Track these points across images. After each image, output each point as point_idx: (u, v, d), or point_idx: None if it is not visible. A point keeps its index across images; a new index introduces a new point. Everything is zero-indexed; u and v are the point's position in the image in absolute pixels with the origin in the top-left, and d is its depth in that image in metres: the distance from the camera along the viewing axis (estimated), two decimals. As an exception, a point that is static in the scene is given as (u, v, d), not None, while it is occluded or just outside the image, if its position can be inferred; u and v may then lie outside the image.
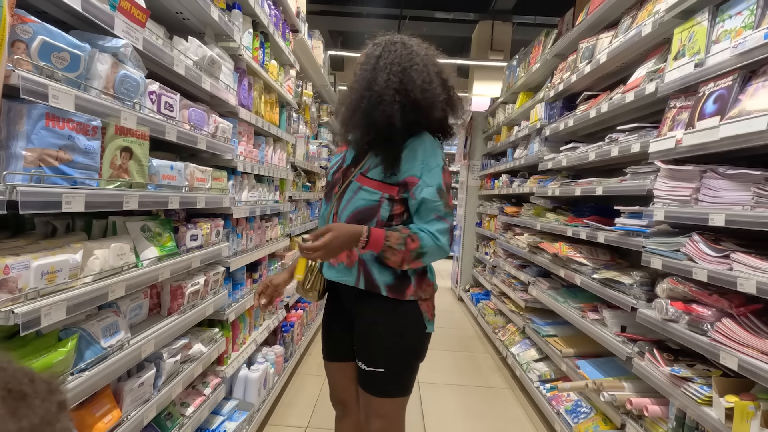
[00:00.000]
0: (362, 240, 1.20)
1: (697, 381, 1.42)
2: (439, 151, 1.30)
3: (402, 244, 1.21)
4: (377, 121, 1.24)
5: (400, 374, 1.34)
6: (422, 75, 1.24)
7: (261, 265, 2.44)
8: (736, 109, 1.31)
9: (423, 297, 1.34)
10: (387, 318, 1.31)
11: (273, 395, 2.41)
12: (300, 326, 3.15)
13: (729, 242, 1.40)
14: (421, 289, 1.34)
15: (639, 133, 1.90)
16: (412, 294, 1.31)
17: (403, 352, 1.33)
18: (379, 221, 1.28)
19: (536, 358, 2.85)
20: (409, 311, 1.32)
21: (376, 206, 1.27)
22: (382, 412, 1.35)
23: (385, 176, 1.27)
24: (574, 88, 2.68)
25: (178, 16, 1.65)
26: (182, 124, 1.48)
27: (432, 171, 1.26)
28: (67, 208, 0.93)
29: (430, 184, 1.25)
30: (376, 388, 1.33)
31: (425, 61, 1.28)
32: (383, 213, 1.27)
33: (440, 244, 1.24)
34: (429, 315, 1.36)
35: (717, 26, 1.47)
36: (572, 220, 2.48)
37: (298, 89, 3.24)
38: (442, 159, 1.30)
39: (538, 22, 6.57)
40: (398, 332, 1.32)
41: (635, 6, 2.11)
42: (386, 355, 1.32)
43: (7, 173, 0.83)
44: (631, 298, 1.80)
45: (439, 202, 1.24)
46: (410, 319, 1.33)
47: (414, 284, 1.32)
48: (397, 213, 1.30)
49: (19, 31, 0.83)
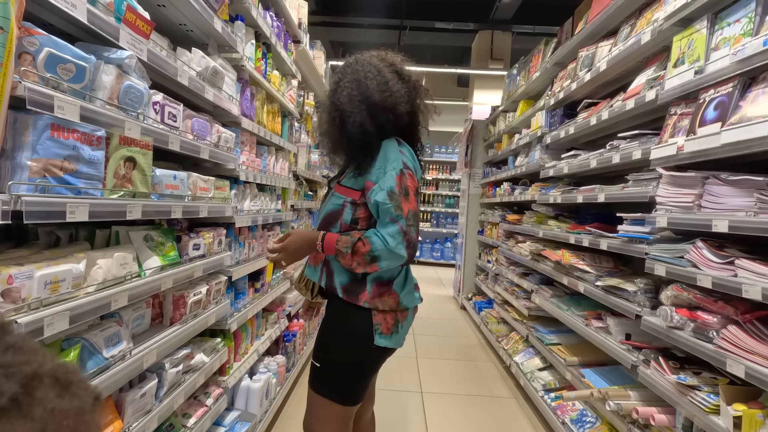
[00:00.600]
0: (318, 245, 1.31)
1: (703, 389, 1.41)
2: (401, 156, 1.31)
3: (349, 247, 1.25)
4: (352, 132, 1.32)
5: (333, 376, 1.36)
6: (377, 79, 1.32)
7: (263, 274, 2.44)
8: (737, 116, 1.31)
9: (380, 308, 1.32)
10: (336, 318, 1.38)
11: (275, 406, 2.39)
12: (302, 336, 3.14)
13: (733, 248, 1.40)
14: (380, 299, 1.33)
15: (640, 140, 1.91)
16: (367, 301, 1.32)
17: (341, 355, 1.35)
18: (342, 224, 1.35)
19: (540, 367, 2.83)
20: (357, 318, 1.33)
21: (339, 210, 1.36)
22: (313, 407, 1.41)
23: (354, 182, 1.34)
24: (575, 96, 2.70)
25: (182, 28, 1.67)
26: (185, 134, 1.49)
27: (387, 174, 1.28)
28: (71, 218, 0.94)
29: (383, 187, 1.27)
30: (311, 379, 1.42)
31: (378, 67, 1.35)
32: (345, 216, 1.35)
33: (390, 247, 1.22)
34: (383, 328, 1.33)
35: (716, 34, 1.48)
36: (574, 228, 2.48)
37: (300, 99, 3.27)
38: (402, 163, 1.29)
39: (537, 32, 6.63)
40: (341, 334, 1.36)
41: (634, 15, 2.13)
42: (324, 351, 1.39)
43: (12, 183, 0.84)
44: (635, 306, 1.79)
45: (389, 205, 1.25)
46: (357, 326, 1.33)
47: (370, 291, 1.32)
48: (362, 216, 1.34)
49: (26, 44, 0.85)
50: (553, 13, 5.61)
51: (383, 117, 1.31)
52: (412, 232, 1.26)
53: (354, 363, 1.35)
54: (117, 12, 1.09)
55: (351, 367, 1.35)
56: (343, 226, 1.35)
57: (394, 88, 1.32)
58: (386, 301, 1.33)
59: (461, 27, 6.83)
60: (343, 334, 1.35)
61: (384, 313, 1.33)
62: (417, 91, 1.40)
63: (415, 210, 1.29)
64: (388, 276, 1.35)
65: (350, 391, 1.37)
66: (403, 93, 1.34)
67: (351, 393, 1.37)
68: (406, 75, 1.38)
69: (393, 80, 1.33)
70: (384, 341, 1.33)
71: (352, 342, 1.34)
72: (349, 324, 1.34)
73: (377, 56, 1.39)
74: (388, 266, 1.28)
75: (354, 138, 1.32)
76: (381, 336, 1.32)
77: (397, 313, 1.36)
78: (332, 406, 1.35)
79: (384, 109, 1.31)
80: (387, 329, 1.33)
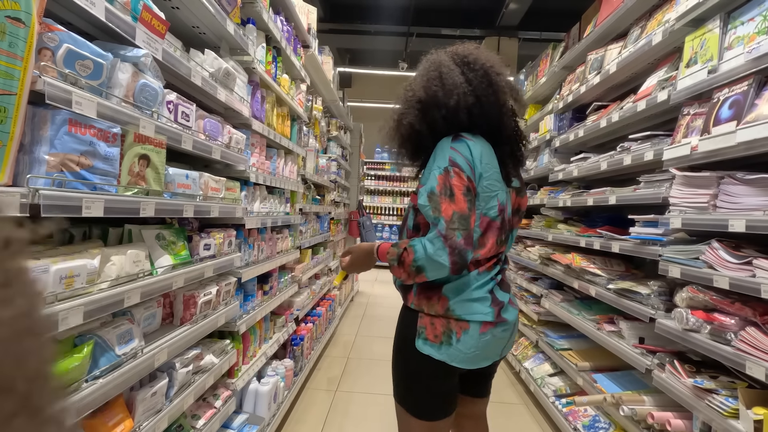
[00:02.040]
0: (375, 256, 1.29)
1: (721, 393, 1.38)
2: (450, 152, 1.16)
3: (395, 259, 1.16)
4: (403, 133, 1.28)
5: (395, 381, 1.32)
6: (429, 74, 1.25)
7: (272, 276, 2.44)
8: (752, 114, 1.30)
9: (425, 310, 1.21)
10: (398, 319, 1.33)
11: (283, 409, 2.37)
12: (310, 340, 3.12)
13: (750, 249, 1.37)
14: (427, 302, 1.22)
15: (652, 141, 1.89)
16: (413, 302, 1.25)
17: (397, 358, 1.31)
18: (408, 230, 1.31)
19: (551, 373, 2.79)
20: (407, 319, 1.27)
21: (406, 216, 1.34)
22: (397, 415, 1.33)
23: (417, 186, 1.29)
24: (584, 99, 2.69)
25: (195, 30, 1.69)
26: (198, 134, 1.50)
27: (430, 175, 1.17)
28: (87, 213, 0.94)
29: (426, 189, 1.17)
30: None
31: (437, 62, 1.26)
32: (409, 222, 1.30)
33: (429, 254, 1.09)
34: (428, 333, 1.20)
35: (729, 33, 1.47)
36: (584, 231, 2.46)
37: (308, 103, 3.29)
38: (448, 160, 1.15)
39: (543, 38, 6.64)
40: (397, 336, 1.31)
41: (644, 16, 2.13)
42: (393, 352, 1.34)
43: (30, 176, 0.84)
44: (649, 309, 1.76)
45: (428, 207, 1.14)
46: (405, 327, 1.27)
47: (415, 293, 1.25)
48: (423, 222, 1.24)
49: (46, 39, 0.86)
50: (559, 19, 5.63)
51: (434, 113, 1.22)
52: (456, 236, 1.08)
53: (407, 371, 1.26)
54: (134, 11, 1.10)
55: (406, 375, 1.26)
56: (408, 233, 1.29)
57: (448, 82, 1.20)
58: (433, 305, 1.21)
59: (468, 33, 6.87)
60: (397, 336, 1.31)
61: (431, 317, 1.20)
62: (488, 77, 1.23)
63: (462, 211, 1.10)
64: (440, 279, 1.20)
65: (417, 404, 1.24)
66: (461, 84, 1.20)
67: (419, 406, 1.24)
68: (475, 64, 1.24)
69: (450, 73, 1.21)
70: (429, 349, 1.19)
71: (399, 345, 1.28)
72: (401, 326, 1.30)
73: (447, 50, 1.30)
74: (434, 276, 1.14)
75: (405, 138, 1.28)
76: (425, 342, 1.19)
77: (450, 321, 1.19)
78: (408, 418, 1.26)
79: (435, 105, 1.21)
80: (434, 336, 1.19)
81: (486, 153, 1.20)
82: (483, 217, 1.19)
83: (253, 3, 1.96)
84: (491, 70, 1.24)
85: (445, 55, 1.27)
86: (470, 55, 1.25)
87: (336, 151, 4.78)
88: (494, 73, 1.24)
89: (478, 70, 1.22)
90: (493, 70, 1.24)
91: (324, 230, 3.99)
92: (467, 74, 1.22)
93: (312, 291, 3.42)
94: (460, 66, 1.23)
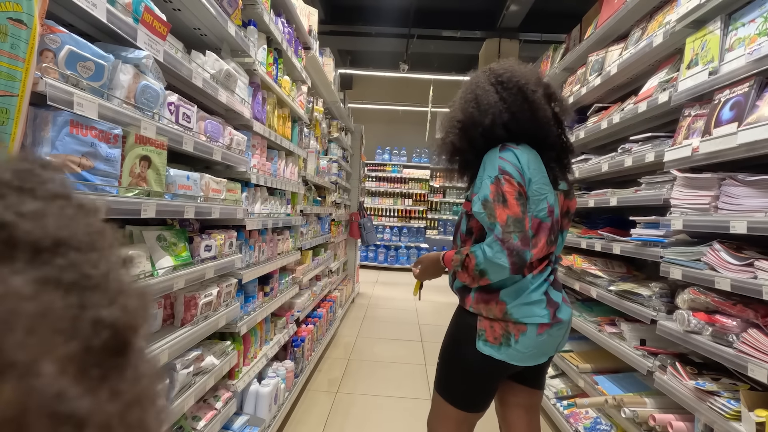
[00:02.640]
0: (441, 264, 1.42)
1: (723, 395, 1.37)
2: (499, 162, 1.26)
3: (459, 265, 1.29)
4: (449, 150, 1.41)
5: (447, 377, 1.40)
6: (466, 97, 1.37)
7: (272, 278, 2.44)
8: (754, 115, 1.30)
9: (484, 314, 1.31)
10: (454, 319, 1.44)
11: (284, 411, 2.37)
12: (310, 341, 3.12)
13: (751, 250, 1.37)
14: (485, 306, 1.31)
15: (653, 143, 1.89)
16: (472, 306, 1.34)
17: (451, 355, 1.40)
18: (461, 234, 1.41)
19: (552, 375, 2.78)
20: (465, 321, 1.36)
21: (459, 221, 1.44)
22: (433, 404, 1.45)
23: (469, 194, 1.37)
24: (584, 100, 2.69)
25: (196, 32, 1.70)
26: (199, 135, 1.51)
27: (482, 184, 1.27)
28: (87, 214, 0.94)
29: (479, 197, 1.27)
30: (435, 376, 1.46)
31: (474, 83, 1.37)
32: (462, 226, 1.40)
33: (488, 258, 1.20)
34: (488, 335, 1.30)
35: (730, 34, 1.47)
36: (586, 232, 2.45)
37: (309, 105, 3.29)
38: (498, 169, 1.25)
39: (544, 39, 6.64)
40: (452, 336, 1.41)
41: (645, 18, 2.13)
42: (443, 350, 1.45)
43: (31, 178, 0.84)
44: (650, 310, 1.76)
45: (483, 214, 1.25)
46: (463, 328, 1.36)
47: (474, 297, 1.34)
48: (475, 227, 1.35)
49: (47, 41, 0.86)
50: (560, 21, 5.63)
51: (472, 132, 1.34)
52: (513, 239, 1.18)
53: (461, 367, 1.36)
54: (135, 13, 1.11)
55: (460, 370, 1.37)
56: (462, 236, 1.40)
57: (483, 102, 1.31)
58: (491, 309, 1.30)
59: (468, 35, 6.87)
60: (454, 336, 1.40)
61: (490, 320, 1.30)
62: (522, 94, 1.30)
63: (516, 215, 1.20)
64: (496, 284, 1.30)
65: (463, 396, 1.36)
66: (495, 103, 1.30)
67: (464, 398, 1.36)
68: (509, 83, 1.32)
69: (485, 94, 1.32)
70: (489, 350, 1.29)
71: (458, 345, 1.38)
72: (459, 326, 1.39)
73: (485, 69, 1.41)
74: (496, 278, 1.25)
75: (450, 155, 1.41)
76: (485, 343, 1.29)
77: (509, 324, 1.28)
78: (446, 406, 1.38)
79: (472, 124, 1.33)
80: (494, 338, 1.29)
81: (532, 159, 1.30)
82: (534, 219, 1.28)
83: (254, 5, 1.96)
84: (526, 87, 1.31)
85: (482, 76, 1.38)
86: (504, 74, 1.34)
87: (337, 153, 4.78)
88: (530, 90, 1.31)
89: (512, 88, 1.31)
90: (528, 87, 1.31)
91: (325, 231, 3.99)
92: (501, 93, 1.31)
93: (313, 292, 3.42)
94: (495, 85, 1.34)
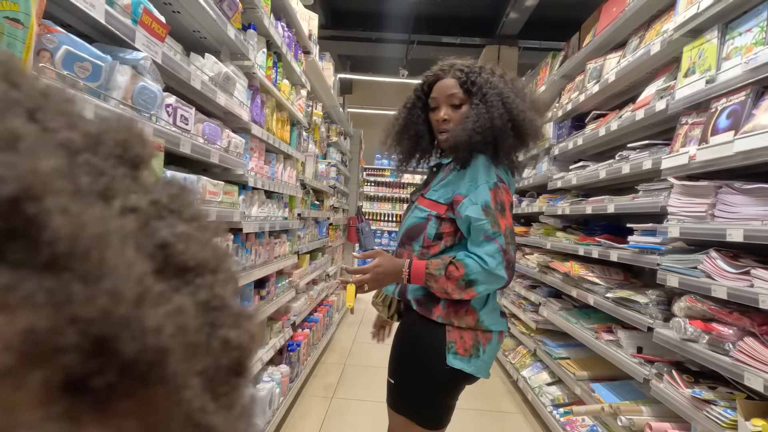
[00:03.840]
0: (405, 272, 1.21)
1: (720, 404, 1.37)
2: (494, 168, 1.23)
3: (441, 269, 1.16)
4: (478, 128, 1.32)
5: (409, 394, 1.27)
6: (510, 93, 1.29)
7: (269, 282, 2.43)
8: (750, 124, 1.30)
9: (455, 324, 1.22)
10: (409, 332, 1.29)
11: (278, 416, 2.35)
12: (306, 346, 3.10)
13: (748, 258, 1.37)
14: (455, 315, 1.22)
15: (650, 150, 1.90)
16: (440, 316, 1.23)
17: (414, 373, 1.26)
18: (426, 238, 1.26)
19: (549, 382, 2.77)
20: (430, 334, 1.23)
21: (423, 223, 1.27)
22: (391, 425, 1.31)
23: (441, 195, 1.26)
24: (583, 107, 2.70)
25: (196, 35, 1.70)
26: (197, 138, 1.50)
27: (479, 188, 1.19)
28: (81, 214, 0.94)
29: (476, 201, 1.18)
30: (388, 396, 1.33)
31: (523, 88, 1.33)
32: (429, 230, 1.26)
33: (487, 268, 1.13)
34: (458, 347, 1.20)
35: (727, 43, 1.48)
36: (583, 239, 2.45)
37: (308, 109, 3.30)
38: (495, 176, 1.22)
39: (543, 47, 6.68)
40: (414, 350, 1.27)
41: (642, 26, 2.14)
42: (398, 367, 1.30)
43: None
44: (647, 318, 1.76)
45: (484, 221, 1.16)
46: (429, 342, 1.23)
47: (444, 306, 1.23)
48: (447, 232, 1.25)
49: (44, 41, 0.86)
50: (559, 29, 5.66)
51: (496, 131, 1.25)
52: (511, 250, 1.16)
53: (427, 383, 1.24)
54: (134, 14, 1.11)
55: (425, 386, 1.25)
56: (426, 241, 1.26)
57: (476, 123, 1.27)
58: (463, 317, 1.22)
59: (468, 42, 6.91)
60: (415, 350, 1.26)
61: (461, 330, 1.22)
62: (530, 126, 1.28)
63: (512, 227, 1.19)
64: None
65: (429, 413, 1.26)
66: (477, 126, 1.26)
67: (430, 415, 1.26)
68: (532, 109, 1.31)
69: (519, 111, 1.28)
70: (459, 363, 1.20)
71: (424, 360, 1.24)
72: (421, 339, 1.25)
73: (520, 84, 1.36)
74: (486, 290, 1.19)
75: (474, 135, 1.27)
76: (455, 356, 1.20)
77: (478, 333, 1.23)
78: (412, 426, 1.25)
79: (501, 125, 1.26)
80: (464, 350, 1.21)
81: (511, 183, 1.31)
82: None
83: (254, 8, 1.97)
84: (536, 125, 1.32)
85: (523, 85, 1.34)
86: (536, 100, 1.36)
87: (335, 157, 4.78)
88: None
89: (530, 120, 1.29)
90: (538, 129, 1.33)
91: (322, 236, 3.99)
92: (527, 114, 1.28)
93: (309, 296, 3.41)
94: (526, 109, 1.30)
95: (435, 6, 6.40)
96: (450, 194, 1.25)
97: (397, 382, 1.29)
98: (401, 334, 1.33)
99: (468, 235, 1.23)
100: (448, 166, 1.31)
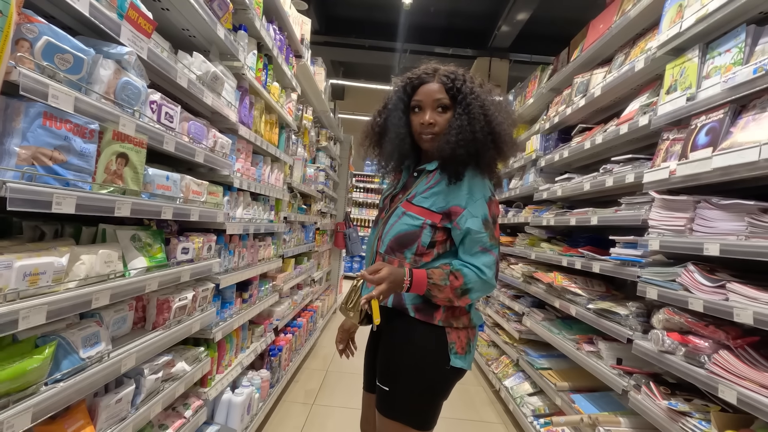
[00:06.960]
0: (406, 281, 1.19)
1: (695, 416, 1.38)
2: (487, 183, 1.29)
3: (445, 280, 1.19)
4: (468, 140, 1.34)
5: (406, 400, 1.26)
6: (501, 110, 1.34)
7: (252, 284, 2.40)
8: (728, 141, 1.33)
9: (454, 325, 1.26)
10: (405, 338, 1.27)
11: (257, 422, 2.31)
12: (288, 351, 3.06)
13: (724, 272, 1.40)
14: (453, 317, 1.27)
15: (633, 164, 1.93)
16: (441, 319, 1.25)
17: (416, 377, 1.25)
18: (420, 247, 1.25)
19: (530, 392, 2.78)
20: (431, 337, 1.25)
21: (417, 231, 1.25)
22: (392, 427, 1.27)
23: (433, 203, 1.26)
24: (569, 120, 2.74)
25: (185, 33, 1.69)
26: (181, 136, 1.49)
27: (477, 202, 1.23)
28: (57, 209, 0.92)
29: (476, 214, 1.22)
30: (380, 404, 1.29)
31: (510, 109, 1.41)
32: (424, 239, 1.25)
33: (485, 278, 1.20)
34: (458, 347, 1.26)
35: (707, 62, 1.52)
36: (567, 250, 2.48)
37: (298, 112, 3.29)
38: (489, 190, 1.28)
39: (533, 60, 6.80)
40: (416, 355, 1.26)
41: (628, 44, 2.19)
42: (394, 373, 1.27)
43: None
44: (627, 330, 1.77)
45: (484, 234, 1.21)
46: (433, 345, 1.25)
47: (444, 309, 1.26)
48: (439, 240, 1.27)
49: (24, 30, 0.84)
50: (550, 43, 5.77)
51: (487, 147, 1.29)
52: (498, 260, 1.27)
53: (428, 385, 1.26)
54: (120, 8, 1.09)
55: (425, 389, 1.26)
56: (420, 249, 1.26)
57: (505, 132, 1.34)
58: (460, 318, 1.28)
59: (460, 53, 7.00)
60: (415, 355, 1.25)
61: (458, 331, 1.27)
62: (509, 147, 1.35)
63: (499, 238, 1.29)
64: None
65: (426, 416, 1.28)
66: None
67: (427, 417, 1.28)
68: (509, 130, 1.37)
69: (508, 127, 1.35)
70: (459, 361, 1.26)
71: (427, 363, 1.25)
72: (421, 343, 1.25)
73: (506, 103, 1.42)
74: (478, 297, 1.25)
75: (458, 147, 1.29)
76: (456, 356, 1.25)
77: (469, 330, 1.31)
78: (407, 431, 1.25)
79: (492, 140, 1.30)
80: (461, 348, 1.27)
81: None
82: None
83: (245, 9, 1.97)
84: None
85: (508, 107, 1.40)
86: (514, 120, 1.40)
87: (325, 162, 4.77)
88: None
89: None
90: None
91: (309, 240, 3.96)
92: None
93: (293, 301, 3.38)
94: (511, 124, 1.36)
95: (428, 16, 6.48)
96: (444, 204, 1.25)
97: (393, 389, 1.26)
98: (395, 341, 1.30)
99: (460, 245, 1.26)
100: (433, 173, 1.31)
